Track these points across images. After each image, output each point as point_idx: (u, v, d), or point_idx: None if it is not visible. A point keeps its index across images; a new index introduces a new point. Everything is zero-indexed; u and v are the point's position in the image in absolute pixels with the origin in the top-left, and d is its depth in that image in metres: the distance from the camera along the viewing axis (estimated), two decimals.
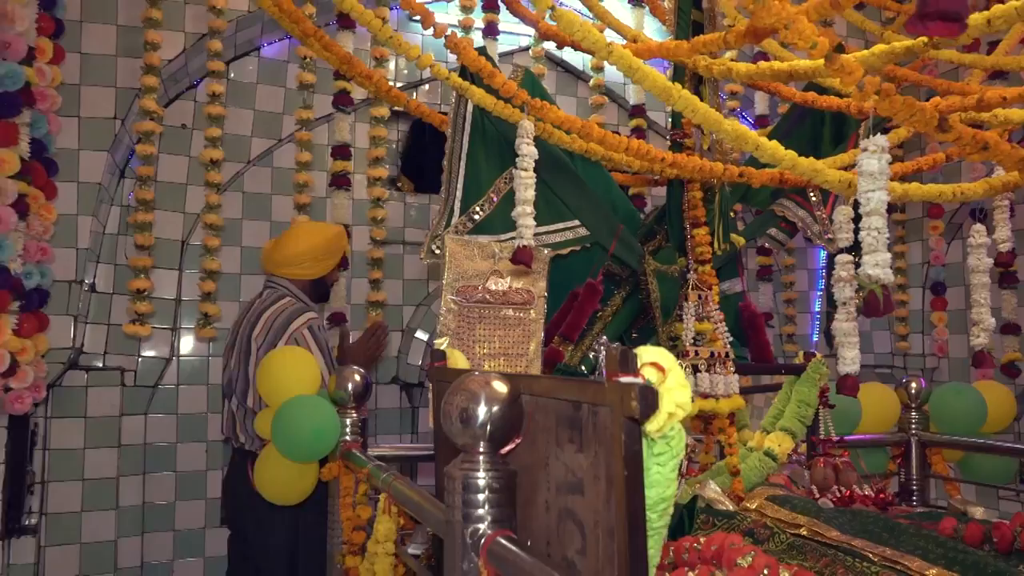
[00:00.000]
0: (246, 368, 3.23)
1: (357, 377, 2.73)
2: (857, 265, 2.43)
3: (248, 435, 3.22)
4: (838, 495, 3.12)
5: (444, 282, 2.81)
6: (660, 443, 1.24)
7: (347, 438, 2.68)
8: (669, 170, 2.83)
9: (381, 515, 2.17)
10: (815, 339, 5.02)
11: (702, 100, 3.29)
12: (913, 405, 3.65)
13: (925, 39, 2.03)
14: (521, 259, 2.37)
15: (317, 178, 4.30)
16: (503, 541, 1.44)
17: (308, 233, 3.44)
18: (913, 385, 3.65)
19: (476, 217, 2.94)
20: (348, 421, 2.70)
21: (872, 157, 1.58)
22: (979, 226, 2.40)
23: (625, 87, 4.85)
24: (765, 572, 1.95)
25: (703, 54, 2.63)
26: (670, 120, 4.53)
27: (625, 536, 1.23)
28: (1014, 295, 4.33)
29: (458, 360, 2.35)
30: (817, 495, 3.14)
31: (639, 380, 1.21)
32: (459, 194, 2.92)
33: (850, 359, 2.18)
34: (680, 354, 3.06)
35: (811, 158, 2.18)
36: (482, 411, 1.52)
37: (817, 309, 5.03)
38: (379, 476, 2.23)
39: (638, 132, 4.67)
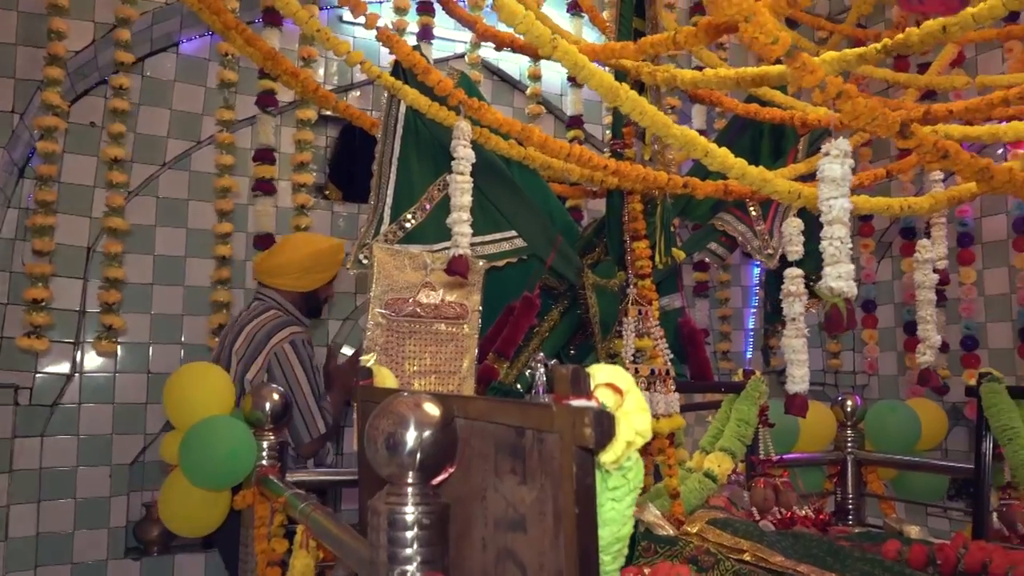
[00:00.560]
0: None
1: (276, 396, 2.51)
2: (807, 279, 2.36)
3: None
4: (778, 516, 3.04)
5: (372, 294, 2.63)
6: (616, 475, 1.10)
7: (263, 462, 2.46)
8: (611, 179, 2.72)
9: (298, 550, 1.97)
10: (749, 356, 4.99)
11: None
12: (849, 423, 3.62)
13: (876, 47, 1.96)
14: (456, 270, 2.21)
15: (240, 184, 4.06)
16: None
17: (300, 244, 3.35)
18: (849, 403, 3.63)
19: (407, 225, 2.76)
20: (265, 444, 2.48)
21: (834, 162, 1.48)
22: (925, 241, 2.36)
23: (562, 98, 4.75)
24: None
25: (649, 58, 2.53)
26: (608, 131, 4.46)
27: None
28: (943, 313, 4.38)
29: (386, 378, 2.17)
30: (757, 517, 3.05)
31: (592, 404, 1.06)
32: (389, 201, 2.75)
33: (799, 377, 2.08)
34: None
35: (760, 167, 2.09)
36: (411, 437, 1.36)
37: (751, 326, 5.01)
38: (296, 506, 2.03)
39: (577, 142, 4.58)
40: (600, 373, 1.10)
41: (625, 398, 1.07)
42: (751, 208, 3.36)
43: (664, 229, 3.00)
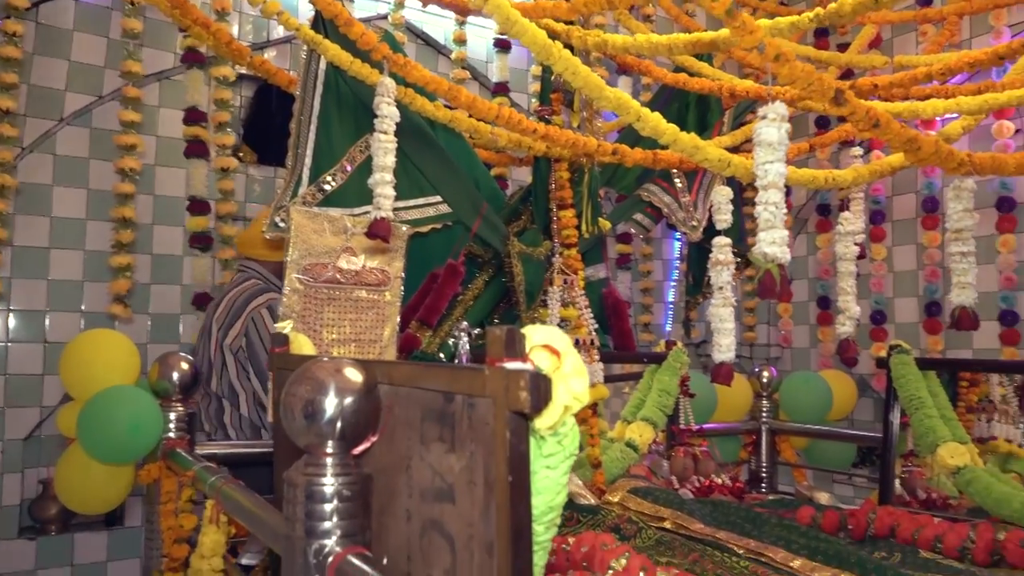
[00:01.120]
0: (208, 352, 3.03)
1: (184, 365, 2.38)
2: (737, 251, 2.36)
3: (234, 426, 3.02)
4: (697, 484, 3.08)
5: (288, 259, 2.51)
6: (551, 441, 1.04)
7: (171, 435, 2.33)
8: (539, 144, 2.66)
9: (208, 525, 1.86)
10: (668, 329, 5.04)
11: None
12: (764, 394, 3.70)
13: (809, 15, 1.95)
14: (377, 233, 2.12)
15: (148, 143, 3.83)
16: (355, 560, 1.21)
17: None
18: (765, 374, 3.70)
19: (327, 188, 2.64)
20: (172, 415, 2.35)
21: (771, 126, 1.46)
22: (848, 214, 2.39)
23: (487, 65, 4.66)
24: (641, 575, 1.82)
25: (582, 19, 2.47)
26: (535, 100, 4.39)
27: (508, 552, 1.02)
28: (855, 287, 4.50)
29: (303, 346, 2.07)
30: (677, 485, 3.09)
31: (528, 366, 1.00)
32: (308, 161, 2.62)
33: (725, 346, 2.09)
34: None
35: (691, 134, 2.06)
36: (331, 404, 1.28)
37: (671, 299, 5.06)
38: (206, 480, 1.92)
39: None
40: (536, 334, 1.04)
41: (562, 360, 1.01)
42: (676, 179, 3.36)
43: (591, 198, 2.96)
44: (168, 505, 2.21)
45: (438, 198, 2.86)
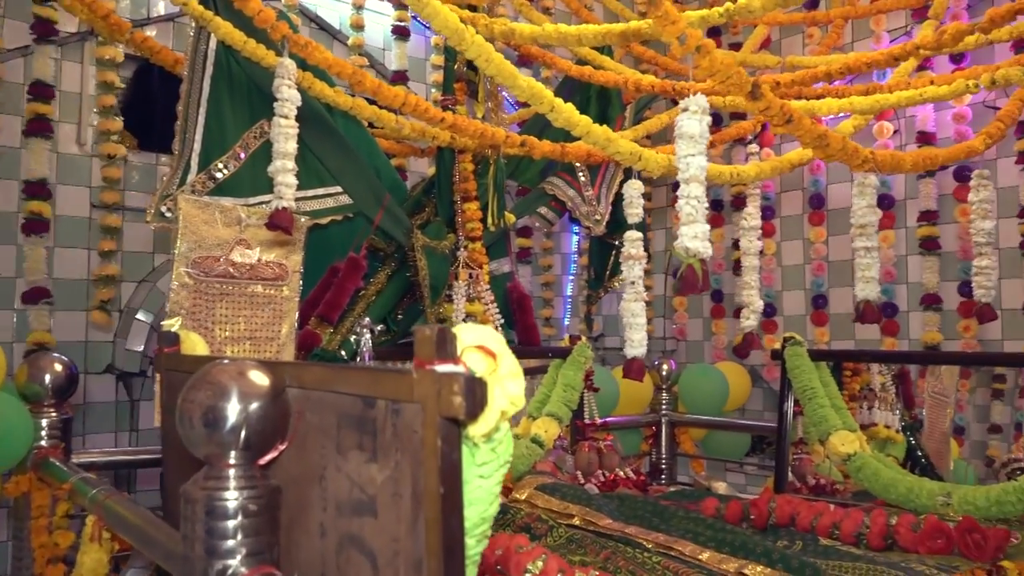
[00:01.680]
0: None
1: (57, 366, 2.17)
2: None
3: None
4: (602, 479, 3.08)
5: (176, 252, 2.34)
6: (485, 449, 0.97)
7: (43, 443, 2.12)
8: (443, 134, 2.57)
9: (88, 543, 1.70)
10: (567, 323, 5.06)
11: (476, 69, 3.08)
12: (664, 386, 3.75)
13: (719, 10, 1.95)
14: (279, 224, 1.99)
15: (9, 123, 3.50)
16: None
17: None
18: (664, 367, 3.75)
19: (219, 176, 2.47)
20: (44, 422, 2.14)
21: (692, 118, 1.44)
22: (750, 209, 2.42)
23: (385, 52, 4.52)
24: None
25: (487, 8, 2.40)
26: (434, 90, 4.29)
27: (439, 570, 0.94)
28: None
29: (196, 344, 1.92)
30: (583, 480, 3.08)
31: (460, 368, 0.93)
32: (197, 147, 2.44)
33: (638, 341, 2.07)
34: None
35: (604, 126, 2.03)
36: (234, 410, 1.18)
37: (569, 293, 5.07)
38: (86, 493, 1.74)
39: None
40: (468, 334, 0.96)
41: (499, 362, 0.94)
42: (580, 173, 3.34)
43: (497, 190, 2.90)
44: (40, 521, 2.01)
45: (338, 188, 2.73)
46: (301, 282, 2.55)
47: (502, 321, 2.85)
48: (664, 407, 3.72)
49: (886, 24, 4.11)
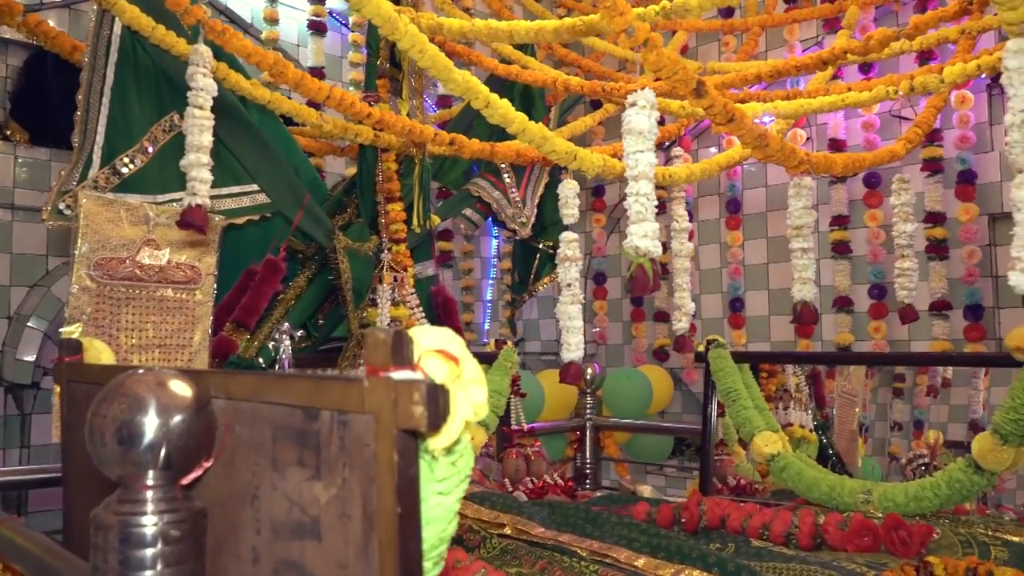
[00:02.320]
0: None
1: None
2: (552, 248, 2.29)
3: None
4: (531, 486, 3.03)
5: (76, 253, 2.16)
6: (444, 463, 0.89)
7: None
8: (366, 132, 2.47)
9: None
10: (487, 328, 4.99)
11: (399, 66, 2.99)
12: (588, 390, 3.72)
13: (656, 8, 1.93)
14: (192, 222, 1.85)
15: None
16: None
17: None
18: (589, 371, 3.73)
19: (124, 171, 2.30)
20: None
21: (641, 113, 1.39)
22: (680, 211, 2.41)
23: (299, 48, 4.35)
24: None
25: (411, 2, 2.32)
26: (352, 88, 4.15)
27: None
28: (666, 285, 4.68)
29: (101, 353, 1.76)
30: (511, 487, 3.01)
31: (419, 375, 0.85)
32: (100, 140, 2.26)
33: (574, 345, 2.02)
34: None
35: (539, 124, 1.97)
36: (152, 425, 1.06)
37: (489, 298, 5.01)
38: None
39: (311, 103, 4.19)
40: (426, 337, 0.88)
41: (462, 367, 0.86)
42: (505, 175, 3.28)
43: (423, 191, 2.81)
44: None
45: (255, 187, 2.58)
46: (215, 286, 2.39)
47: (427, 325, 2.76)
48: (588, 411, 3.69)
49: (799, 34, 4.22)
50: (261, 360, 2.52)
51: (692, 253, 4.61)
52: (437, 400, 0.83)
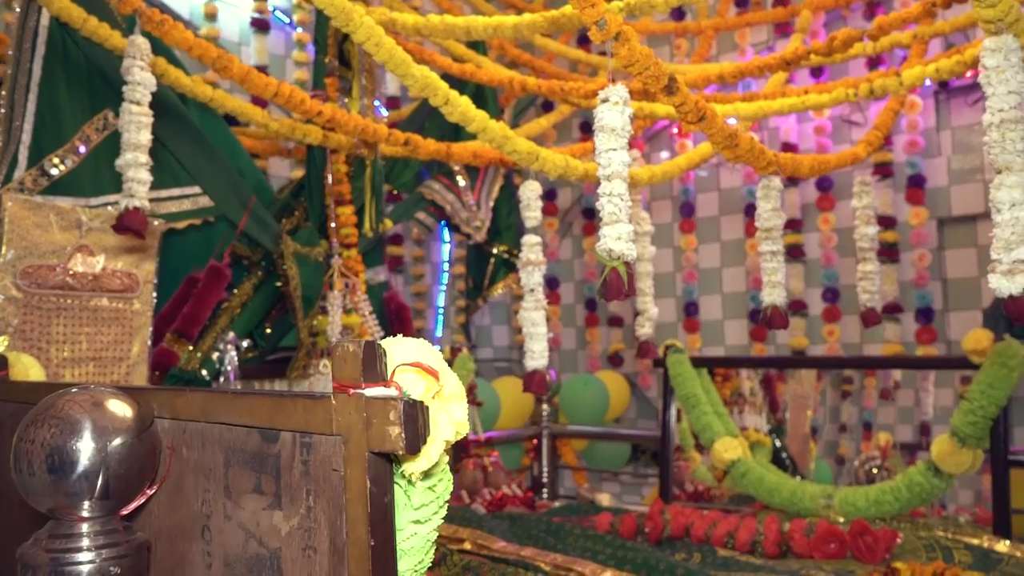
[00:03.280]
0: None
1: None
2: (509, 254, 2.22)
3: None
4: (488, 497, 2.94)
5: (1, 260, 2.00)
6: (421, 488, 0.80)
7: None
8: (315, 132, 2.36)
9: None
10: (438, 335, 4.89)
11: (349, 64, 2.88)
12: (545, 398, 3.65)
13: (620, 4, 1.87)
14: (129, 226, 1.72)
15: None
16: None
17: None
18: (546, 378, 3.65)
19: (54, 172, 2.14)
20: None
21: (613, 110, 1.33)
22: (644, 214, 2.36)
23: (240, 47, 4.19)
24: None
25: None
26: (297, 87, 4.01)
27: None
28: None
29: (29, 368, 1.62)
30: (468, 500, 2.92)
31: (394, 392, 0.76)
32: (26, 139, 2.10)
33: (539, 352, 1.95)
34: (324, 352, 2.61)
35: (501, 123, 1.90)
36: (88, 450, 0.97)
37: (440, 304, 4.90)
38: None
39: (258, 101, 4.04)
40: (400, 350, 0.79)
41: (442, 382, 0.77)
42: (459, 177, 3.19)
43: (375, 193, 2.71)
44: None
45: (197, 189, 2.44)
46: (155, 294, 2.25)
47: (382, 334, 2.65)
48: (545, 419, 3.62)
49: (750, 38, 4.23)
50: (205, 372, 2.38)
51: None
52: (416, 419, 0.74)
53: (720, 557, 2.30)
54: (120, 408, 1.00)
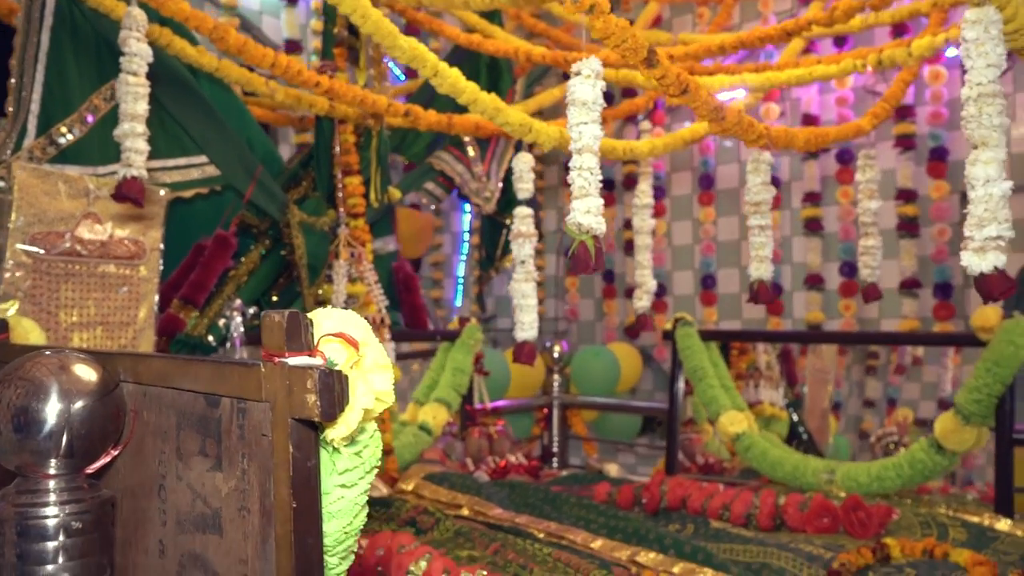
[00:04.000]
0: None
1: None
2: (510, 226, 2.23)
3: None
4: (493, 465, 2.98)
5: (11, 226, 2.07)
6: (347, 454, 0.83)
7: None
8: (321, 102, 2.39)
9: None
10: (458, 305, 4.92)
11: (357, 34, 2.89)
12: (556, 368, 3.67)
13: None
14: (127, 194, 1.77)
15: None
16: None
17: (402, 219, 3.72)
18: (556, 349, 3.68)
19: (62, 141, 2.20)
20: None
21: (585, 83, 1.32)
22: (643, 187, 2.35)
23: (261, 16, 4.22)
24: None
25: None
26: (314, 57, 4.04)
27: None
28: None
29: (29, 332, 1.68)
30: (472, 467, 2.97)
31: (317, 360, 0.79)
32: (36, 108, 2.16)
33: (528, 324, 1.96)
34: None
35: (492, 95, 1.90)
36: (53, 411, 1.02)
37: (460, 274, 4.94)
38: None
39: None
40: (327, 320, 0.82)
41: (362, 352, 0.80)
42: (469, 148, 3.20)
43: (380, 163, 2.73)
44: None
45: (204, 159, 2.49)
46: (162, 261, 2.31)
47: (387, 303, 2.69)
48: (556, 390, 3.64)
49: (773, 7, 4.14)
50: (211, 338, 2.44)
51: (658, 229, 4.58)
52: (332, 387, 0.77)
53: (712, 529, 2.32)
54: (85, 372, 1.05)
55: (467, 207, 4.82)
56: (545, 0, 1.85)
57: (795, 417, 3.96)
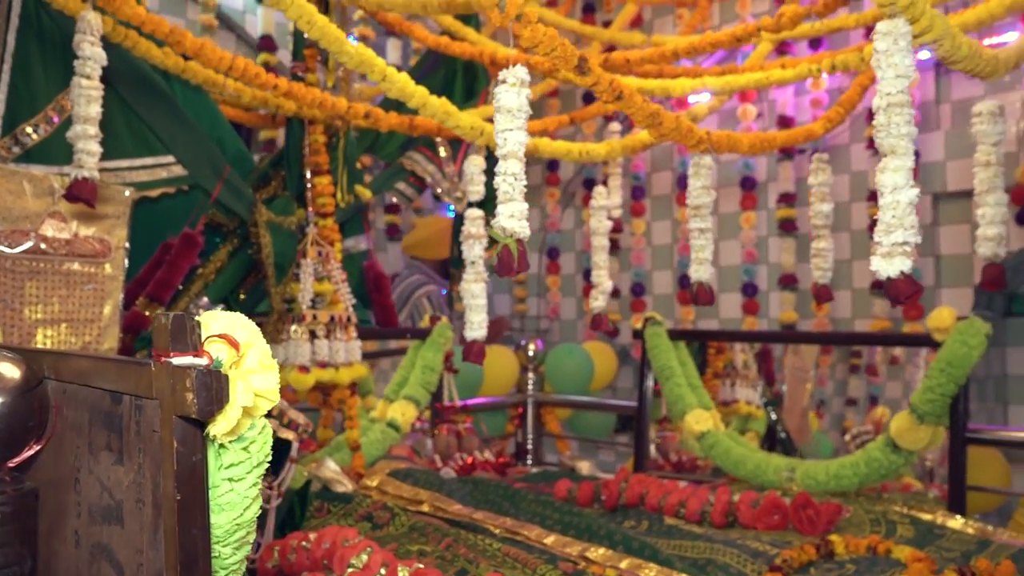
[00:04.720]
0: None
1: None
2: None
3: None
4: (460, 463, 3.02)
5: None
6: (234, 449, 0.87)
7: None
8: (288, 103, 2.42)
9: None
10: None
11: None
12: (530, 367, 3.71)
13: None
14: (79, 195, 1.81)
15: None
16: None
17: (431, 223, 4.38)
18: (531, 347, 3.72)
19: (27, 140, 2.24)
20: None
21: (510, 91, 1.36)
22: (602, 188, 2.39)
23: (244, 16, 4.26)
24: (382, 573, 1.69)
25: None
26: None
27: None
28: (617, 260, 4.68)
29: None
30: (440, 464, 3.01)
31: (201, 360, 0.83)
32: (0, 108, 2.20)
33: (477, 323, 2.00)
34: (296, 318, 2.69)
35: (443, 99, 1.93)
36: None
37: None
38: None
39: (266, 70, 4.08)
40: (215, 322, 0.86)
41: (243, 352, 0.84)
42: (441, 148, 3.24)
43: (347, 164, 2.77)
44: None
45: (171, 158, 2.53)
46: (127, 259, 2.35)
47: (354, 301, 2.73)
48: (531, 387, 3.69)
49: (751, 8, 4.17)
50: None
51: (637, 229, 4.62)
52: (209, 386, 0.81)
53: (666, 525, 2.36)
54: (8, 369, 1.09)
55: (451, 206, 4.86)
56: (470, 9, 1.89)
57: (773, 416, 4.00)
